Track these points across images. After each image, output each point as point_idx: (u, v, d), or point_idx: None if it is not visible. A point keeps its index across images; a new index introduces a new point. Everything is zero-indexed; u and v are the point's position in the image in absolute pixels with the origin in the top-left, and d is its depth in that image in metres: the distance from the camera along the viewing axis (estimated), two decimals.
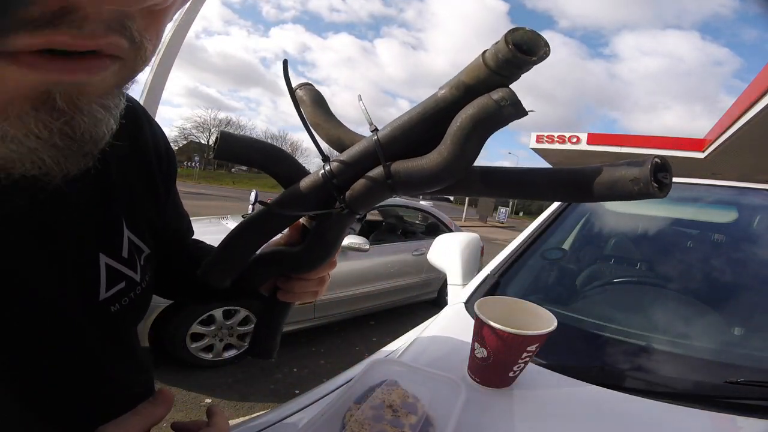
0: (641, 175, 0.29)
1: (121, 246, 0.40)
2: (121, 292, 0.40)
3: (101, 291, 0.38)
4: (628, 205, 1.35)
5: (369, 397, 0.47)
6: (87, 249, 0.36)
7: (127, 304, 0.40)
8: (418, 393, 0.48)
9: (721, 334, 0.79)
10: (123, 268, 0.40)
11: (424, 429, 0.43)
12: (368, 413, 0.44)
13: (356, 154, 0.36)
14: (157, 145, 0.45)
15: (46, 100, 0.19)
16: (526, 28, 0.28)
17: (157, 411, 0.34)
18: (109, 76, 0.21)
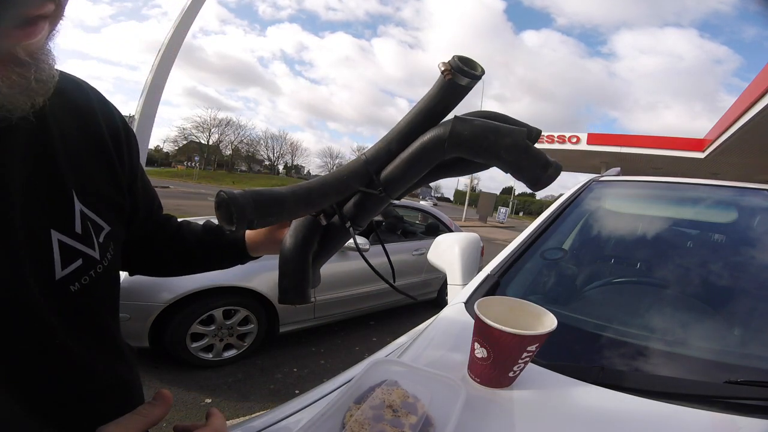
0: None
1: (73, 221, 0.38)
2: (79, 270, 0.38)
3: (56, 269, 0.37)
4: (628, 205, 1.35)
5: (369, 397, 0.47)
6: (35, 222, 0.35)
7: (88, 284, 0.39)
8: (418, 393, 0.48)
9: (720, 334, 0.79)
10: (78, 245, 0.38)
11: (424, 429, 0.43)
12: (368, 413, 0.44)
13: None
14: (111, 123, 0.45)
15: (14, 58, 0.27)
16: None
17: (156, 411, 0.35)
18: (45, 32, 0.28)
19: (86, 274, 0.39)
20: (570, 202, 1.25)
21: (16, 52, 0.27)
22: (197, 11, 4.57)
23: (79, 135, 0.41)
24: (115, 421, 0.33)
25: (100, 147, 0.43)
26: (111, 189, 0.44)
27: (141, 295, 2.19)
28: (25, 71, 0.28)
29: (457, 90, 0.43)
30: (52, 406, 0.37)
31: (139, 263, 0.57)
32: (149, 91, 4.31)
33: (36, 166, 0.36)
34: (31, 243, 0.35)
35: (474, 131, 0.41)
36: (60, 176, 0.38)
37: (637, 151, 14.25)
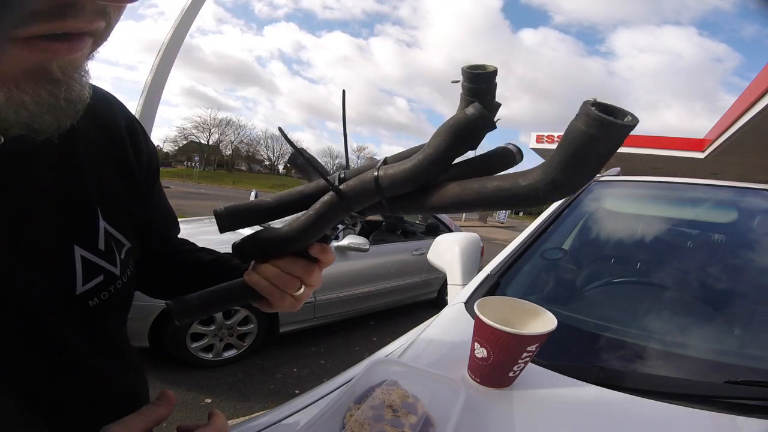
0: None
1: (97, 237, 0.39)
2: (99, 286, 0.38)
3: (77, 284, 0.37)
4: (628, 206, 1.35)
5: (369, 397, 0.47)
6: (59, 239, 0.35)
7: (106, 299, 0.39)
8: (418, 393, 0.48)
9: (721, 334, 0.79)
10: (100, 261, 0.39)
11: (424, 429, 0.43)
12: (368, 413, 0.44)
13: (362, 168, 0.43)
14: (135, 140, 0.45)
15: (47, 73, 0.24)
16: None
17: (159, 411, 0.35)
18: (86, 51, 0.26)
19: (106, 290, 0.39)
20: (570, 202, 1.25)
21: (50, 68, 0.24)
22: (197, 11, 4.58)
23: (105, 151, 0.41)
24: (119, 421, 0.33)
25: (124, 163, 0.43)
26: (132, 205, 0.44)
27: (141, 295, 2.17)
28: (56, 89, 0.25)
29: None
30: (61, 414, 0.37)
31: (147, 281, 0.54)
32: (149, 91, 4.32)
33: (62, 183, 0.36)
34: (54, 258, 0.35)
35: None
36: (86, 194, 0.38)
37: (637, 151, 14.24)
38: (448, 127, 0.38)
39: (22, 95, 0.24)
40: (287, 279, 0.42)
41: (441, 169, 0.38)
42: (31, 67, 0.24)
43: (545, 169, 0.31)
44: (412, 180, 0.39)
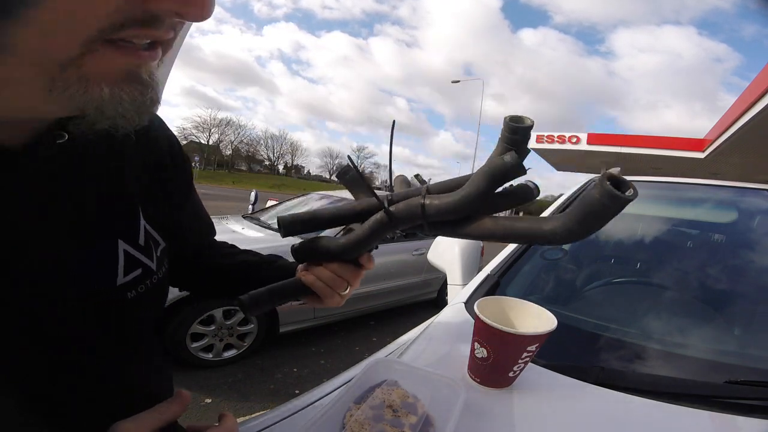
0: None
1: (138, 234, 0.42)
2: (137, 279, 0.41)
3: (119, 275, 0.40)
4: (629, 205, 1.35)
5: (369, 397, 0.47)
6: (107, 232, 0.39)
7: (143, 292, 0.42)
8: (418, 393, 0.48)
9: (721, 334, 0.79)
10: (140, 256, 0.42)
11: (424, 429, 0.43)
12: (368, 413, 0.44)
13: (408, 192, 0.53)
14: (172, 150, 0.50)
15: (138, 77, 0.28)
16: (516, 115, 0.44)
17: (172, 409, 0.36)
18: (159, 58, 0.30)
19: (143, 283, 0.42)
20: (570, 202, 1.25)
21: (140, 72, 0.29)
22: None
23: (146, 158, 0.45)
24: (131, 418, 0.33)
25: (163, 171, 0.48)
26: (168, 210, 0.48)
27: None
28: (144, 90, 0.29)
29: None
30: (77, 406, 0.38)
31: (182, 279, 0.59)
32: None
33: (110, 182, 0.40)
34: (101, 249, 0.38)
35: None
36: (129, 193, 0.42)
37: (637, 151, 14.23)
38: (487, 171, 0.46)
39: (121, 93, 0.28)
40: (339, 281, 0.50)
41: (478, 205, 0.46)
42: (128, 70, 0.28)
43: (565, 220, 0.39)
44: (454, 212, 0.47)
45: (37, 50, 0.24)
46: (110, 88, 0.27)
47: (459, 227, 0.49)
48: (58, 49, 0.24)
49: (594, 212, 0.39)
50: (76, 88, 0.26)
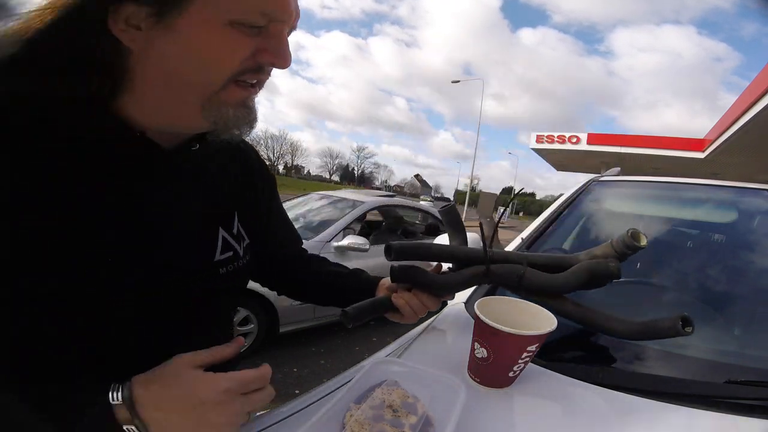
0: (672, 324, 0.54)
1: (233, 225, 0.55)
2: (229, 259, 0.53)
3: (216, 253, 0.52)
4: (628, 205, 1.35)
5: (369, 397, 0.47)
6: (212, 221, 0.52)
7: (231, 271, 0.53)
8: (418, 393, 0.48)
9: (721, 334, 0.79)
10: (232, 242, 0.54)
11: (424, 429, 0.43)
12: (368, 413, 0.44)
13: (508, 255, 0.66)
14: (261, 171, 0.64)
15: (246, 104, 0.44)
16: (638, 230, 0.56)
17: (227, 351, 0.45)
18: (256, 94, 0.45)
19: (231, 263, 0.53)
20: (570, 202, 1.25)
21: (249, 101, 0.44)
22: None
23: (242, 170, 0.60)
24: (190, 353, 0.42)
25: (252, 186, 0.61)
26: (254, 217, 0.61)
27: None
28: (250, 112, 0.44)
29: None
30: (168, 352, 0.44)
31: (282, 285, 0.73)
32: None
33: (218, 183, 0.54)
34: (209, 234, 0.52)
35: None
36: (229, 194, 0.56)
37: (637, 151, 14.23)
38: (592, 271, 0.57)
39: (237, 113, 0.43)
40: (423, 309, 0.65)
41: (570, 291, 0.57)
42: (242, 99, 0.43)
43: (630, 326, 0.57)
44: (547, 291, 0.58)
45: (196, 81, 0.40)
46: (234, 109, 0.42)
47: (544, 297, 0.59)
48: (209, 82, 0.40)
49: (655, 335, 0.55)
50: (216, 109, 0.41)
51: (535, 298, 0.58)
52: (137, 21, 0.37)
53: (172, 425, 0.37)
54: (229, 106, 0.41)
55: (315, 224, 3.35)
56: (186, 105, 0.41)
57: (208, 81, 0.40)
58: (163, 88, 0.40)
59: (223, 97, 0.41)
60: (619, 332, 0.53)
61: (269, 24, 0.40)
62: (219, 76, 0.40)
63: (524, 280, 0.53)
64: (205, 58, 0.39)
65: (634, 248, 0.56)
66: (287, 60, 0.42)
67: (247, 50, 0.40)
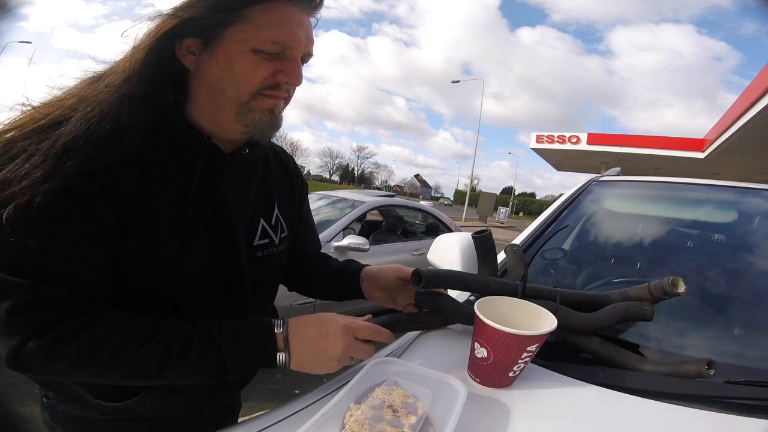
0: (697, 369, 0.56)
1: (272, 216, 0.69)
2: (265, 245, 0.67)
3: (255, 239, 0.65)
4: (628, 206, 1.35)
5: (369, 397, 0.47)
6: (256, 211, 0.66)
7: (267, 255, 0.67)
8: (418, 393, 0.48)
9: (721, 334, 0.79)
10: (269, 231, 0.68)
11: (423, 429, 0.43)
12: (368, 413, 0.44)
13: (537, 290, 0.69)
14: (298, 177, 0.78)
15: (273, 111, 0.57)
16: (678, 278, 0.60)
17: (384, 333, 0.59)
18: (283, 105, 0.58)
19: (267, 249, 0.67)
20: (570, 202, 1.25)
21: (274, 109, 0.56)
22: None
23: (283, 175, 0.74)
24: (352, 318, 0.57)
25: (291, 188, 0.76)
26: (291, 213, 0.74)
27: None
28: (274, 119, 0.57)
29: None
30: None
31: (297, 283, 0.83)
32: None
33: (263, 181, 0.68)
34: (251, 222, 0.65)
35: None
36: (272, 192, 0.70)
37: (637, 151, 14.22)
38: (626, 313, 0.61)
39: (263, 118, 0.55)
40: None
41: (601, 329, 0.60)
42: (269, 108, 0.56)
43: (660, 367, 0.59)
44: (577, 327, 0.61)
45: (231, 95, 0.54)
46: (260, 114, 0.55)
47: (570, 333, 0.62)
48: (240, 94, 0.53)
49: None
50: (247, 115, 0.54)
51: (560, 334, 0.61)
52: (193, 49, 0.52)
53: (304, 352, 0.53)
54: (257, 112, 0.55)
55: (315, 224, 3.35)
56: (225, 112, 0.55)
57: (237, 93, 0.53)
58: (210, 99, 0.55)
59: (252, 106, 0.54)
60: (646, 371, 0.57)
61: (284, 51, 0.53)
62: (245, 90, 0.53)
63: (557, 319, 0.54)
64: (235, 76, 0.52)
65: (671, 294, 0.59)
66: (298, 79, 0.56)
67: (267, 71, 0.53)
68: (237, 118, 0.54)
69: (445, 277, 0.66)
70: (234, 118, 0.54)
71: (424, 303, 0.66)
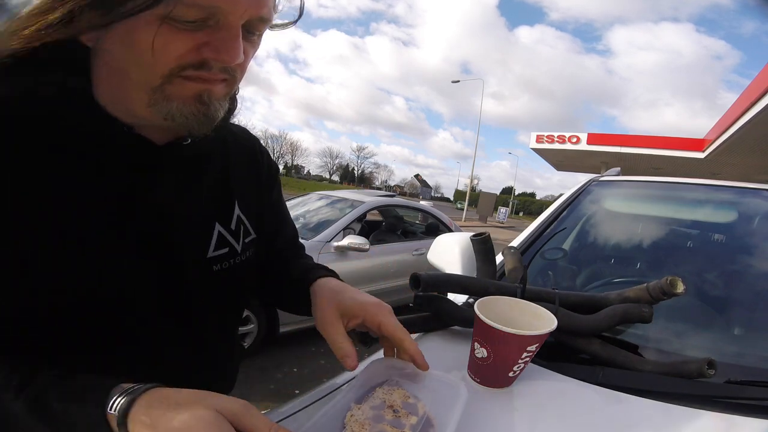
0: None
1: (231, 219, 0.54)
2: (223, 255, 0.52)
3: (210, 249, 0.51)
4: (628, 206, 1.35)
5: (370, 397, 0.47)
6: (209, 214, 0.51)
7: (227, 268, 0.52)
8: (418, 393, 0.48)
9: (721, 334, 0.79)
10: (229, 237, 0.53)
11: (424, 429, 0.43)
12: (369, 413, 0.44)
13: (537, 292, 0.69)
14: (264, 161, 0.62)
15: (200, 99, 0.41)
16: (676, 278, 0.59)
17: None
18: (221, 89, 0.43)
19: (227, 260, 0.52)
20: (570, 202, 1.25)
21: (202, 96, 0.41)
22: None
23: (245, 163, 0.58)
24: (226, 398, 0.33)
25: (258, 179, 0.60)
26: (258, 209, 0.59)
27: None
28: (202, 108, 0.41)
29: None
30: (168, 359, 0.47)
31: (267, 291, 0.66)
32: None
33: (217, 180, 0.53)
34: (200, 227, 0.50)
35: None
36: (229, 189, 0.55)
37: (637, 151, 14.22)
38: (626, 314, 0.60)
39: (184, 108, 0.41)
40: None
41: (601, 332, 0.60)
42: (193, 94, 0.41)
43: (657, 368, 0.59)
44: (576, 330, 0.60)
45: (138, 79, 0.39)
46: (178, 103, 0.40)
47: (570, 335, 0.61)
48: (149, 78, 0.39)
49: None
50: (161, 104, 0.40)
51: (561, 336, 0.62)
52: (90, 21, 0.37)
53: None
54: (174, 100, 0.40)
55: (315, 224, 3.35)
56: (134, 100, 0.41)
57: (145, 77, 0.39)
58: (113, 84, 0.41)
59: (168, 92, 0.40)
60: (647, 371, 0.57)
61: (213, 17, 0.37)
62: (154, 72, 0.38)
63: (557, 321, 0.54)
64: (138, 54, 0.37)
65: (670, 295, 0.59)
66: (231, 55, 0.39)
67: (184, 46, 0.38)
68: (151, 109, 0.40)
69: (444, 280, 0.66)
70: (147, 108, 0.40)
71: (423, 304, 0.66)
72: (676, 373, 0.55)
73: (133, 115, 0.42)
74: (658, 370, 0.57)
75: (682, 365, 0.55)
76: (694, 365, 0.54)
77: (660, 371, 0.56)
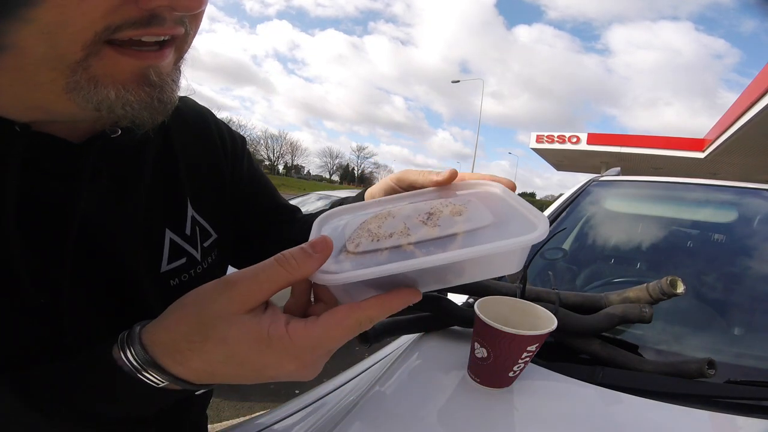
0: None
1: (185, 223, 0.44)
2: (181, 267, 0.43)
3: (163, 263, 0.42)
4: (628, 206, 1.35)
5: (420, 202, 0.37)
6: (154, 221, 0.41)
7: (186, 281, 0.43)
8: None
9: (721, 334, 0.79)
10: (185, 245, 0.44)
11: (431, 249, 0.31)
12: (403, 211, 0.35)
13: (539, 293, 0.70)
14: (223, 139, 0.51)
15: (146, 78, 0.29)
16: (676, 278, 0.60)
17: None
18: (171, 59, 0.31)
19: (186, 272, 0.44)
20: (570, 202, 1.25)
21: (148, 74, 0.29)
22: None
23: (198, 153, 0.47)
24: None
25: (214, 161, 0.49)
26: (220, 200, 0.49)
27: None
28: (152, 91, 0.30)
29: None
30: None
31: (247, 259, 0.56)
32: None
33: (160, 174, 0.42)
34: (148, 238, 0.40)
35: None
36: (179, 184, 0.44)
37: (637, 151, 14.22)
38: (626, 314, 0.59)
39: (127, 95, 0.29)
40: None
41: (601, 333, 0.60)
42: (136, 72, 0.29)
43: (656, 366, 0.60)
44: (576, 331, 0.61)
45: (44, 52, 0.25)
46: (116, 89, 0.28)
47: (571, 336, 0.61)
48: (63, 51, 0.25)
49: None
50: (87, 89, 0.27)
51: (560, 335, 0.62)
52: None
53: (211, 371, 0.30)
54: (107, 82, 0.27)
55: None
56: (41, 89, 0.27)
57: (55, 48, 0.25)
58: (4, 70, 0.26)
59: (95, 71, 0.27)
60: (647, 371, 0.57)
61: None
62: (70, 39, 0.25)
63: (557, 321, 0.55)
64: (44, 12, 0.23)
65: (670, 295, 0.59)
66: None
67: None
68: (73, 100, 0.27)
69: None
70: (66, 100, 0.28)
71: (422, 306, 0.66)
72: (676, 373, 0.55)
73: (40, 109, 0.29)
74: (658, 370, 0.57)
75: (682, 365, 0.55)
76: (694, 365, 0.54)
77: (660, 371, 0.56)
